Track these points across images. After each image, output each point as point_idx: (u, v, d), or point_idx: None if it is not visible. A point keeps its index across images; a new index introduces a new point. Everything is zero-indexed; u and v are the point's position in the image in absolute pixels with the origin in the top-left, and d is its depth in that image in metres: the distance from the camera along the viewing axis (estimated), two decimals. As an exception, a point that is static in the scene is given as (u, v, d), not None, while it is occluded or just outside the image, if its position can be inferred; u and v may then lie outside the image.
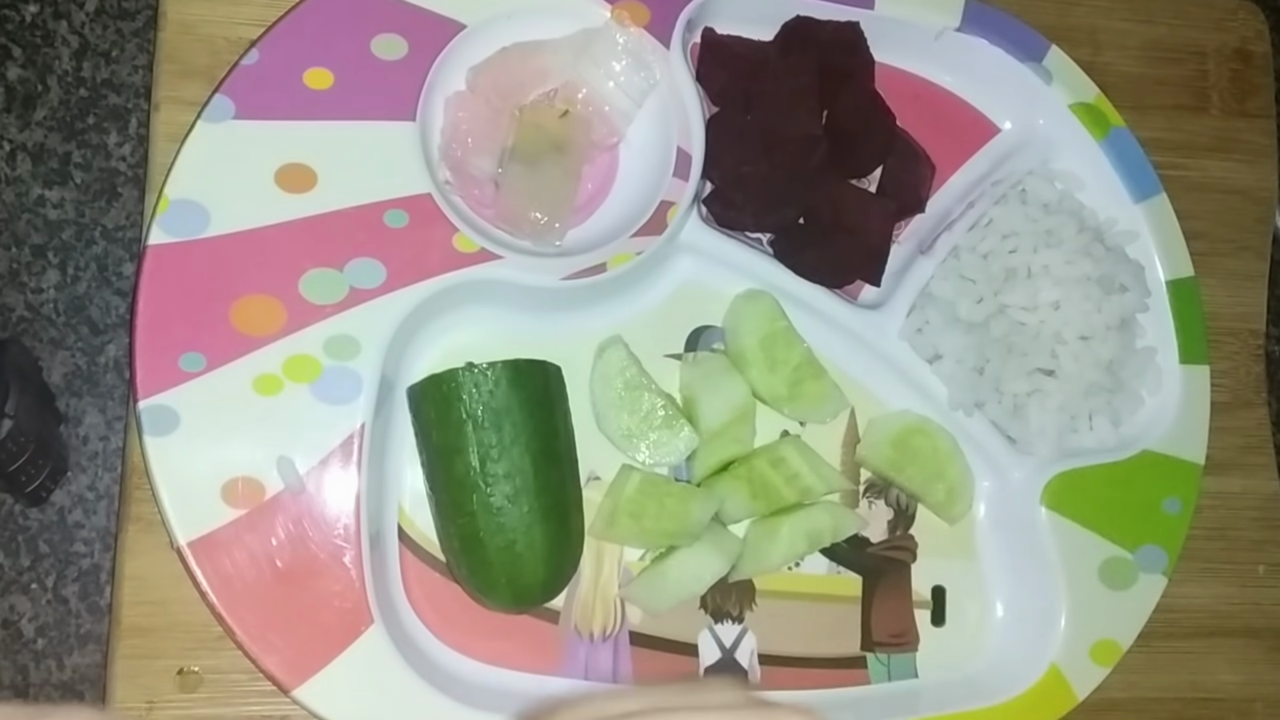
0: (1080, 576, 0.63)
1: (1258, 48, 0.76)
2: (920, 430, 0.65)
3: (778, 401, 0.64)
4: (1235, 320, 0.72)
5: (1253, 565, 0.70)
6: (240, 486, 0.55)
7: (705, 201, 0.64)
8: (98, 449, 0.68)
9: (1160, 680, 0.67)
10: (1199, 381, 0.67)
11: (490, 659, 0.59)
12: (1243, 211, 0.74)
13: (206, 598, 0.54)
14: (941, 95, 0.70)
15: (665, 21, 0.62)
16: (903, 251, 0.67)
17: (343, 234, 0.57)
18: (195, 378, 0.55)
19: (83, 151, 0.70)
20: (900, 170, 0.67)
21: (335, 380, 0.56)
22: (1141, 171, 0.68)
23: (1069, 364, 0.64)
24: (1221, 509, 0.69)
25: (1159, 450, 0.65)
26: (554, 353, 0.60)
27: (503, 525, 0.55)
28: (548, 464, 0.57)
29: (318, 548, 0.55)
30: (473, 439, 0.55)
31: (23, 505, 0.66)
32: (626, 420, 0.62)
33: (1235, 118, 0.74)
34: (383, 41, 0.59)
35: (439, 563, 0.60)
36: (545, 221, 0.60)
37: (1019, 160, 0.68)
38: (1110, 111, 0.68)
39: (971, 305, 0.64)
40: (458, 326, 0.61)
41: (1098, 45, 0.72)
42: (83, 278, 0.69)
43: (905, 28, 0.66)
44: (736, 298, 0.64)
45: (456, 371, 0.56)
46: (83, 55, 0.71)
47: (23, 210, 0.69)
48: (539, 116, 0.62)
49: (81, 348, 0.69)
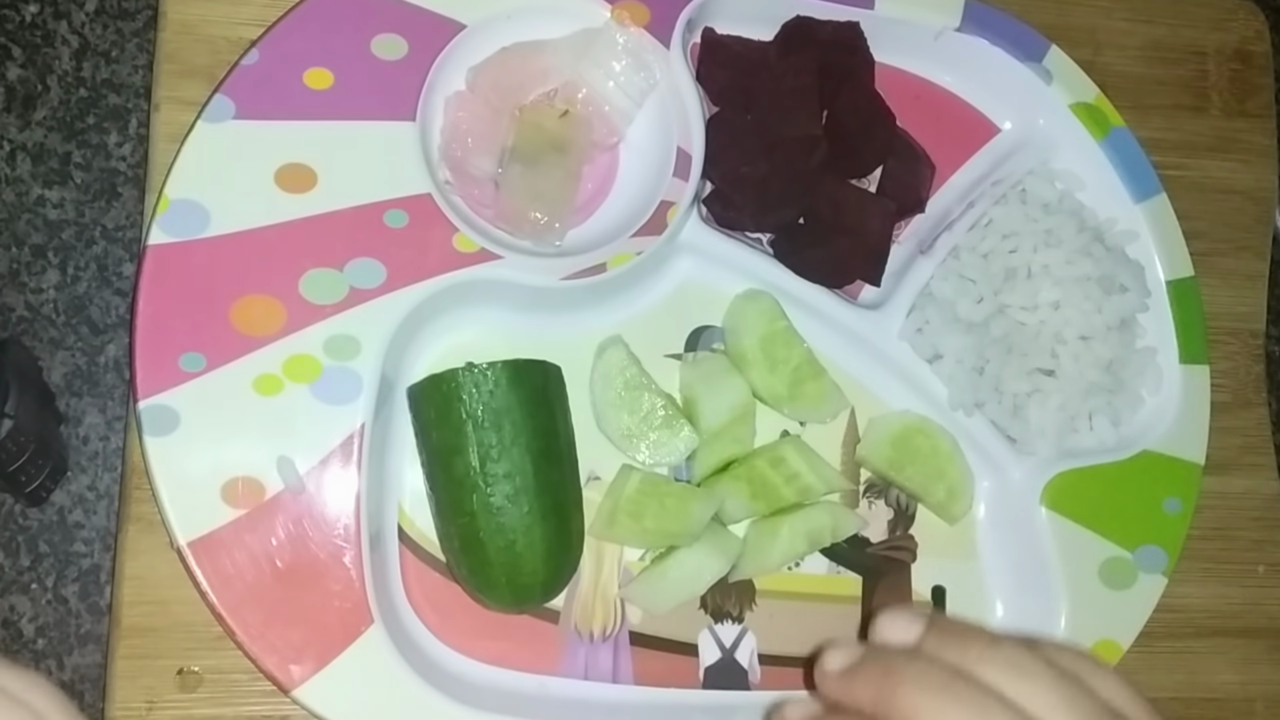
0: (1080, 576, 0.63)
1: (1258, 48, 0.76)
2: (920, 430, 0.65)
3: (778, 401, 0.64)
4: (1235, 320, 0.72)
5: (1253, 565, 0.70)
6: (240, 486, 0.55)
7: (705, 201, 0.64)
8: (98, 449, 0.68)
9: (1160, 680, 0.67)
10: (1199, 381, 0.67)
11: (490, 659, 0.59)
12: (1243, 211, 0.74)
13: (206, 598, 0.54)
14: (941, 95, 0.70)
15: (665, 21, 0.62)
16: (903, 251, 0.67)
17: (343, 234, 0.57)
18: (195, 378, 0.55)
19: (83, 151, 0.70)
20: (900, 170, 0.67)
21: (335, 380, 0.56)
22: (1141, 171, 0.68)
23: (1069, 364, 0.64)
24: (1222, 509, 0.69)
25: (1159, 450, 0.65)
26: (554, 353, 0.60)
27: (503, 525, 0.55)
28: (548, 464, 0.57)
29: (318, 548, 0.55)
30: (473, 439, 0.55)
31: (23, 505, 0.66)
32: (626, 420, 0.62)
33: (1235, 118, 0.74)
34: (383, 41, 0.59)
35: (439, 563, 0.60)
36: (545, 221, 0.60)
37: (1019, 160, 0.68)
38: (1110, 111, 0.68)
39: (971, 305, 0.64)
40: (458, 326, 0.61)
41: (1098, 45, 0.72)
42: (83, 278, 0.69)
43: (905, 28, 0.66)
44: (736, 298, 0.64)
45: (456, 371, 0.56)
46: (83, 55, 0.71)
47: (23, 210, 0.69)
48: (539, 116, 0.62)
49: (81, 348, 0.69)
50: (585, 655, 0.61)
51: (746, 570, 0.63)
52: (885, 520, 0.66)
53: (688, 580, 0.61)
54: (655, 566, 0.62)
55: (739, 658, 0.62)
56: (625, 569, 0.62)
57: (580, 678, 0.60)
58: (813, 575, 0.64)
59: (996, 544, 0.66)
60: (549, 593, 0.59)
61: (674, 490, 0.61)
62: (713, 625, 0.63)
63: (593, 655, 0.61)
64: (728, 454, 0.63)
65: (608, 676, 0.61)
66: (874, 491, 0.66)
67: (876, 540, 0.65)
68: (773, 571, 0.63)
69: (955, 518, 0.65)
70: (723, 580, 0.62)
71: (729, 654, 0.62)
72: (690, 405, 0.63)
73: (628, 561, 0.62)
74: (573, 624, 0.61)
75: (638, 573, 0.62)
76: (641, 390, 0.62)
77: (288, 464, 0.55)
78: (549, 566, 0.57)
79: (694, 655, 0.62)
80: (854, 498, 0.65)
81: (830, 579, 0.64)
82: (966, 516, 0.66)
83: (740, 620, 0.63)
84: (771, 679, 0.63)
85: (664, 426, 0.62)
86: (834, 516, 0.63)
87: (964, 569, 0.66)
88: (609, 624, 0.61)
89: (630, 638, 0.61)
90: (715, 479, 0.63)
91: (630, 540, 0.62)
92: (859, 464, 0.66)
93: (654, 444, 0.62)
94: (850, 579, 0.65)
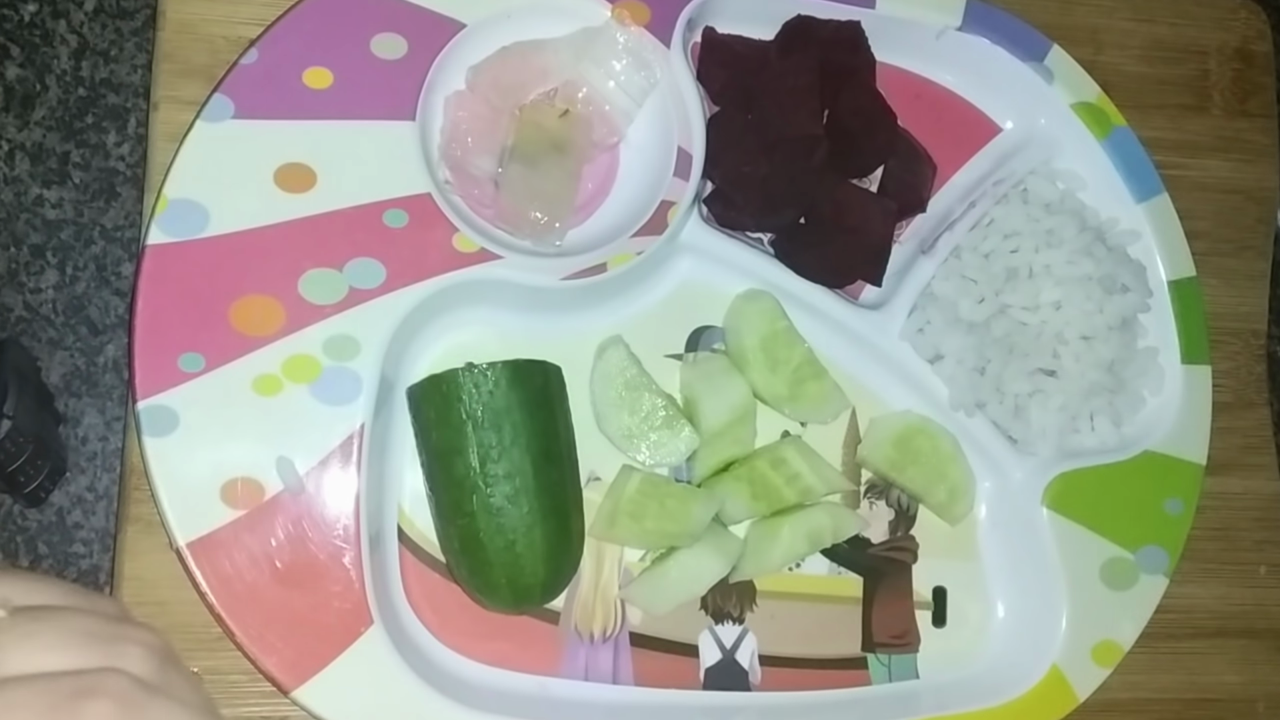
0: (1082, 577, 0.63)
1: (1259, 47, 0.76)
2: (921, 431, 0.65)
3: (778, 402, 0.64)
4: (1237, 320, 0.72)
5: (1254, 566, 0.70)
6: (240, 487, 0.54)
7: (706, 201, 0.64)
8: (97, 449, 0.68)
9: (1162, 681, 0.67)
10: (1200, 382, 0.67)
11: (490, 660, 0.59)
12: (1244, 211, 0.74)
13: (206, 598, 0.53)
14: (943, 95, 0.69)
15: (666, 21, 0.62)
16: (904, 251, 0.67)
17: (342, 234, 0.57)
18: (194, 378, 0.55)
19: (81, 151, 0.70)
20: (901, 170, 0.66)
21: (335, 380, 0.56)
22: (1143, 171, 0.68)
23: (1070, 364, 0.64)
24: (1223, 509, 0.69)
25: (1160, 450, 0.65)
26: (554, 353, 0.60)
27: (503, 526, 0.55)
28: (548, 464, 0.56)
29: (317, 548, 0.55)
30: (473, 439, 0.55)
31: (21, 506, 0.66)
32: (627, 420, 0.62)
33: (1237, 117, 0.74)
34: (382, 41, 0.59)
35: (439, 563, 0.59)
36: (545, 221, 0.60)
37: (1020, 160, 0.68)
38: (1112, 111, 0.68)
39: (973, 305, 0.64)
40: (458, 326, 0.61)
41: (1099, 45, 0.72)
42: (81, 278, 0.69)
43: (906, 27, 0.66)
44: (737, 298, 0.64)
45: (456, 372, 0.56)
46: (81, 54, 0.70)
47: (21, 210, 0.68)
48: (539, 116, 0.62)
49: (80, 348, 0.68)
50: (585, 656, 0.61)
51: (747, 571, 0.62)
52: (886, 521, 0.66)
53: (688, 581, 0.61)
54: (656, 567, 0.61)
55: (740, 658, 0.62)
56: (625, 570, 0.62)
57: (580, 679, 0.60)
58: (813, 576, 0.64)
59: (998, 545, 0.66)
60: (549, 593, 0.59)
61: (674, 491, 0.61)
62: (713, 626, 0.62)
63: (593, 656, 0.61)
64: (728, 454, 0.63)
65: (608, 677, 0.61)
66: (875, 492, 0.66)
67: (877, 541, 0.65)
68: (773, 572, 0.63)
69: (956, 518, 0.65)
70: (723, 581, 0.62)
71: (729, 655, 0.62)
72: (691, 405, 0.63)
73: (628, 562, 0.62)
74: (573, 625, 0.61)
75: (638, 573, 0.62)
76: (642, 390, 0.62)
77: (287, 464, 0.55)
78: (549, 567, 0.56)
79: (694, 656, 0.62)
80: (855, 498, 0.65)
81: (831, 580, 0.64)
82: (968, 517, 0.66)
83: (741, 621, 0.63)
84: (772, 680, 0.62)
85: (664, 427, 0.62)
86: (835, 517, 0.63)
87: (965, 570, 0.66)
88: (609, 625, 0.61)
89: (631, 638, 0.61)
90: (716, 479, 0.62)
91: (631, 541, 0.61)
92: (860, 464, 0.66)
93: (654, 444, 0.62)
94: (851, 580, 0.64)
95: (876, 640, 0.64)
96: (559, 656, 0.60)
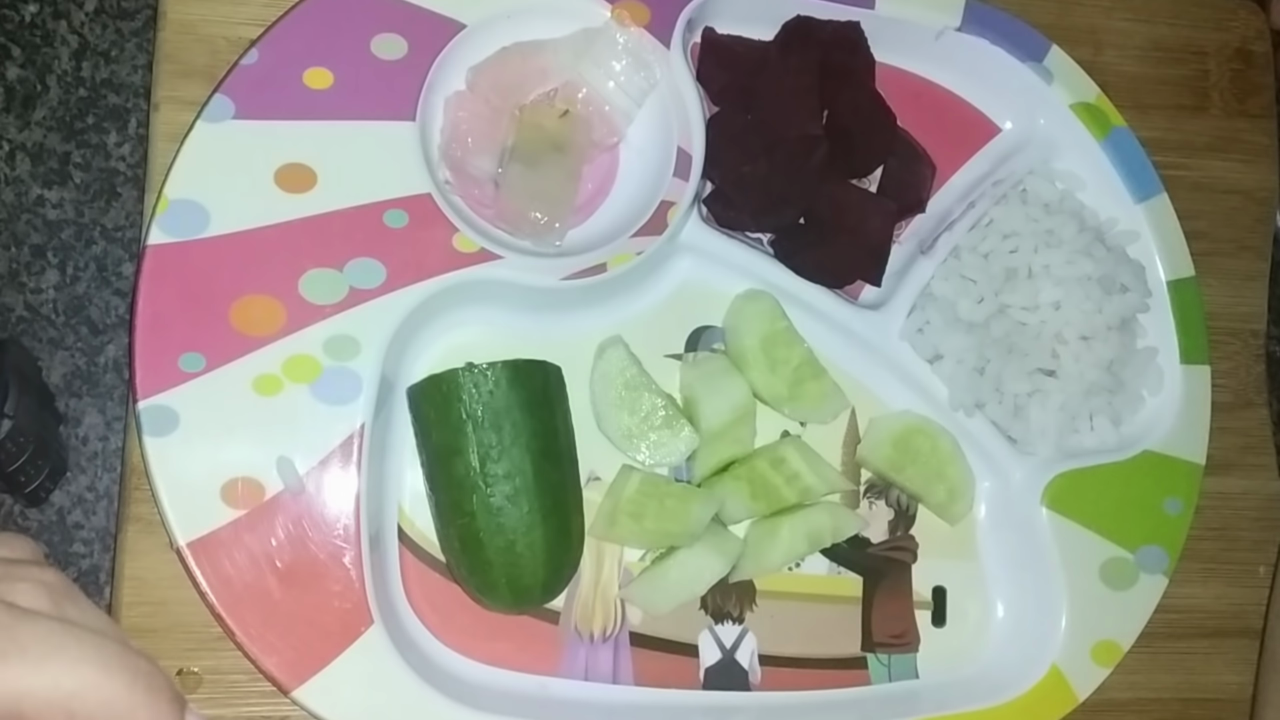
0: (1081, 577, 0.63)
1: (1258, 47, 0.76)
2: (921, 431, 0.65)
3: (778, 402, 0.64)
4: (1236, 320, 0.72)
5: (1254, 566, 0.70)
6: (240, 487, 0.54)
7: (706, 201, 0.64)
8: (97, 449, 0.68)
9: (1161, 680, 0.67)
10: (1200, 382, 0.67)
11: (490, 659, 0.59)
12: (1243, 211, 0.74)
13: (206, 598, 0.53)
14: (942, 95, 0.69)
15: (665, 21, 0.62)
16: (903, 251, 0.67)
17: (342, 234, 0.57)
18: (195, 378, 0.55)
19: (82, 151, 0.70)
20: (901, 170, 0.66)
21: (335, 380, 0.56)
22: (1142, 171, 0.68)
23: (1070, 364, 0.64)
24: (1222, 509, 0.69)
25: (1160, 450, 0.65)
26: (554, 353, 0.60)
27: (503, 526, 0.55)
28: (548, 464, 0.57)
29: (317, 548, 0.55)
30: (473, 439, 0.55)
31: (22, 506, 0.66)
32: (627, 420, 0.62)
33: (1236, 118, 0.74)
34: (382, 41, 0.59)
35: (439, 563, 0.59)
36: (545, 221, 0.60)
37: (1020, 160, 0.68)
38: (1111, 111, 0.68)
39: (972, 305, 0.64)
40: (458, 326, 0.61)
41: (1098, 45, 0.72)
42: (82, 278, 0.69)
43: (906, 27, 0.66)
44: (737, 298, 0.64)
45: (456, 371, 0.56)
46: (82, 55, 0.71)
47: (22, 210, 0.69)
48: (539, 116, 0.62)
49: (81, 348, 0.68)
50: (585, 656, 0.61)
51: (747, 571, 0.62)
52: (886, 521, 0.66)
53: (688, 581, 0.61)
54: (655, 567, 0.61)
55: (739, 658, 0.62)
56: (625, 569, 0.62)
57: (580, 678, 0.60)
58: (813, 576, 0.64)
59: (997, 544, 0.66)
60: (549, 593, 0.59)
61: (674, 491, 0.61)
62: (713, 626, 0.63)
63: (593, 656, 0.61)
64: (728, 454, 0.63)
65: (608, 677, 0.61)
66: (874, 492, 0.66)
67: (877, 541, 0.65)
68: (773, 572, 0.63)
69: (956, 518, 0.65)
70: (723, 581, 0.62)
71: (729, 654, 0.62)
72: (690, 405, 0.63)
73: (628, 562, 0.62)
74: (573, 624, 0.61)
75: (638, 573, 0.62)
76: (642, 390, 0.62)
77: (287, 464, 0.55)
78: (549, 567, 0.56)
79: (694, 656, 0.62)
80: (854, 498, 0.65)
81: (831, 579, 0.64)
82: (967, 517, 0.66)
83: (741, 621, 0.63)
84: (772, 679, 0.62)
85: (664, 427, 0.62)
86: (834, 517, 0.63)
87: (965, 569, 0.66)
88: (609, 624, 0.61)
89: (630, 638, 0.61)
90: (716, 479, 0.62)
91: (630, 541, 0.61)
92: (859, 464, 0.66)
93: (654, 444, 0.62)
94: (851, 579, 0.65)
95: (876, 640, 0.64)
96: (559, 656, 0.60)
